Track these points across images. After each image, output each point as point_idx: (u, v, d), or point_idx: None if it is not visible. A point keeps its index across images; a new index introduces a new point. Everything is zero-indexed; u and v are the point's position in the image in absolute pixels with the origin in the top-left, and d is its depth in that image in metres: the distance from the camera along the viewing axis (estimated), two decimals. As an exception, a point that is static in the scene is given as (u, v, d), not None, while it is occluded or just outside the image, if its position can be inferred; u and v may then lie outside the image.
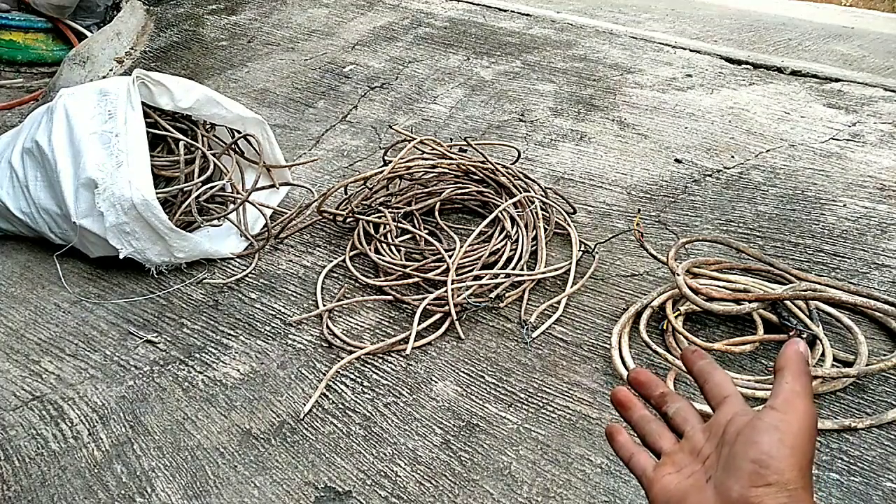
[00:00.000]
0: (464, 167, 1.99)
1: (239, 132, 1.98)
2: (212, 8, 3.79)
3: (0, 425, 1.40)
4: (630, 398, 0.61)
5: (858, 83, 2.68)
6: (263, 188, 2.05)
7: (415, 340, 1.53)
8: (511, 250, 1.76)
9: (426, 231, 1.89)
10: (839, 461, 1.25)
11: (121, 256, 1.72)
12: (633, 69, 2.89)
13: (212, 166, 1.89)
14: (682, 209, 1.99)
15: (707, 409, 0.56)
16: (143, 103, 1.78)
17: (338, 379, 1.48)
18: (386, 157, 2.14)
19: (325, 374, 1.48)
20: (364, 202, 1.94)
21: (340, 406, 1.42)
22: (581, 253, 1.78)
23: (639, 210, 1.99)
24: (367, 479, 1.26)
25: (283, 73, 3.04)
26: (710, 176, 2.14)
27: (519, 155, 2.18)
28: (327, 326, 1.60)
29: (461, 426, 1.36)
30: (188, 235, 1.78)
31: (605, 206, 2.04)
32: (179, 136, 1.86)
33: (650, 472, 0.56)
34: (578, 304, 1.67)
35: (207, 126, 1.99)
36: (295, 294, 1.76)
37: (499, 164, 1.99)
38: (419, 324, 1.56)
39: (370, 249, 1.79)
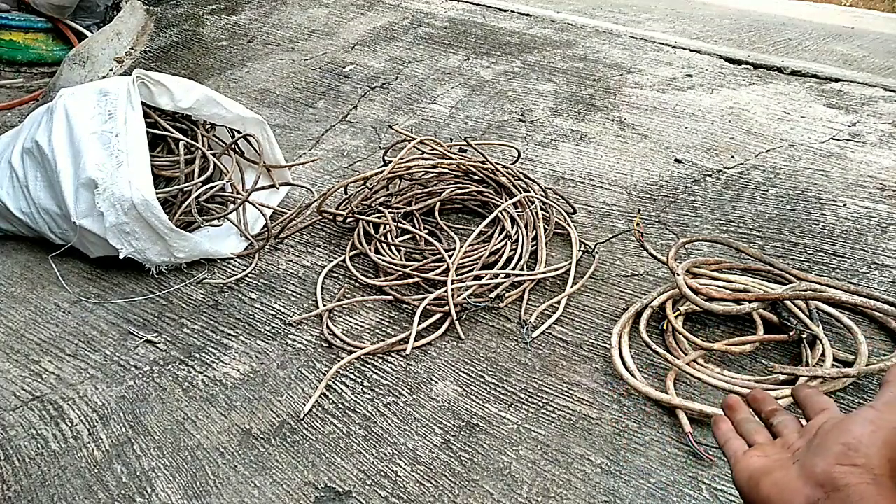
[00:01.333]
0: (464, 167, 1.99)
1: (239, 132, 1.98)
2: (212, 8, 3.79)
3: (0, 425, 1.40)
4: (739, 402, 0.64)
5: (858, 83, 2.68)
6: (263, 188, 2.05)
7: (415, 340, 1.53)
8: (511, 250, 1.76)
9: (426, 231, 1.89)
10: (839, 461, 1.25)
11: (121, 256, 1.72)
12: (633, 69, 2.89)
13: (212, 166, 1.89)
14: (682, 209, 1.99)
15: None
16: (143, 103, 1.78)
17: (338, 379, 1.48)
18: (386, 157, 2.14)
19: (325, 374, 1.48)
20: (364, 202, 1.94)
21: (340, 406, 1.42)
22: (581, 253, 1.78)
23: (639, 210, 1.99)
24: (367, 479, 1.26)
25: (283, 73, 3.04)
26: (710, 176, 2.14)
27: (519, 155, 2.18)
28: (327, 326, 1.60)
29: (461, 426, 1.36)
30: (188, 235, 1.78)
31: (605, 206, 2.04)
32: (179, 136, 1.86)
33: (740, 453, 0.58)
34: (578, 304, 1.67)
35: (207, 126, 1.99)
36: (295, 294, 1.76)
37: (499, 164, 1.99)
38: (419, 324, 1.56)
39: (370, 249, 1.79)
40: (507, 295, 1.67)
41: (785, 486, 0.49)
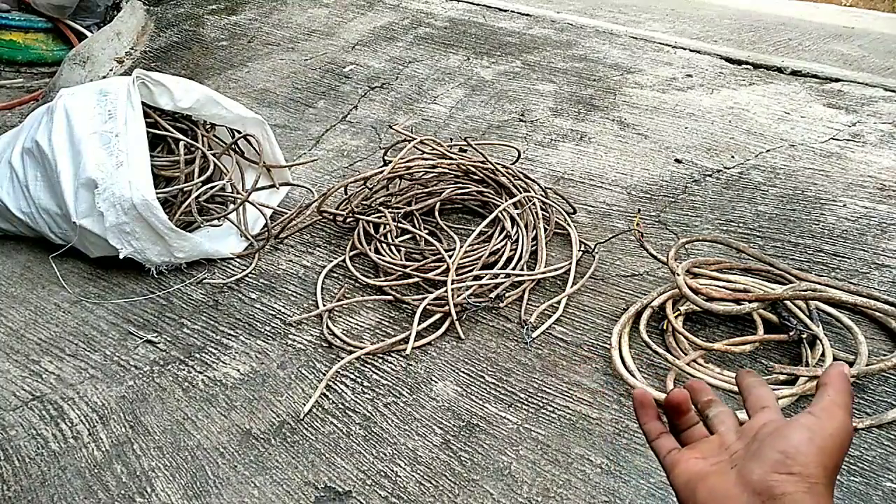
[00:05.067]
0: (464, 167, 1.99)
1: (239, 132, 1.98)
2: (212, 8, 3.79)
3: (0, 425, 1.40)
4: (689, 403, 0.61)
5: (858, 83, 2.68)
6: (263, 188, 2.05)
7: (415, 340, 1.53)
8: (511, 250, 1.76)
9: (426, 231, 1.89)
10: (839, 461, 1.25)
11: (121, 256, 1.72)
12: (633, 69, 2.89)
13: (212, 166, 1.89)
14: (682, 209, 1.99)
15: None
16: (143, 103, 1.78)
17: (338, 379, 1.48)
18: (386, 157, 2.14)
19: (325, 374, 1.48)
20: (364, 202, 1.94)
21: (340, 406, 1.42)
22: (581, 253, 1.78)
23: (639, 210, 1.99)
24: (367, 479, 1.26)
25: (283, 73, 3.04)
26: (710, 176, 2.14)
27: (519, 155, 2.18)
28: (327, 326, 1.60)
29: (461, 426, 1.36)
30: (188, 235, 1.78)
31: (605, 206, 2.04)
32: (179, 136, 1.86)
33: (675, 454, 0.57)
34: (578, 304, 1.67)
35: (207, 126, 1.99)
36: (295, 294, 1.76)
37: (499, 164, 1.99)
38: (419, 324, 1.56)
39: (370, 249, 1.79)
40: (507, 295, 1.67)
41: (722, 494, 0.49)
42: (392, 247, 1.81)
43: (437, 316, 1.60)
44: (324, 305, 1.67)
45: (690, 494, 0.52)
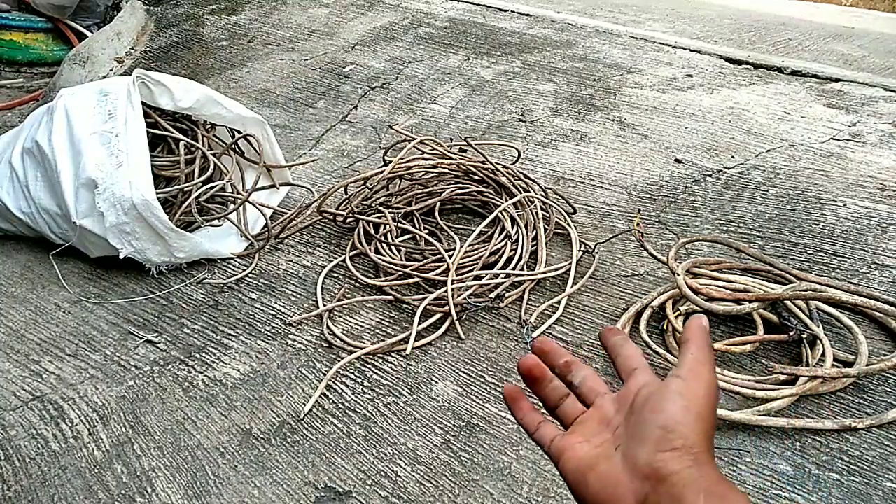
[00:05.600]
0: (464, 167, 1.99)
1: (239, 132, 1.98)
2: (212, 8, 3.79)
3: (0, 425, 1.40)
4: (541, 367, 0.59)
5: (858, 83, 2.68)
6: (263, 188, 2.05)
7: (415, 340, 1.53)
8: (511, 250, 1.76)
9: (426, 231, 1.89)
10: (839, 461, 1.25)
11: (121, 256, 1.72)
12: (633, 69, 2.89)
13: (212, 166, 1.89)
14: (682, 209, 1.99)
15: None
16: (143, 103, 1.78)
17: (338, 379, 1.48)
18: (386, 157, 2.14)
19: (325, 374, 1.48)
20: (364, 202, 1.94)
21: (340, 406, 1.42)
22: (581, 253, 1.78)
23: (639, 210, 1.99)
24: (368, 479, 1.26)
25: (284, 73, 3.04)
26: (710, 176, 2.14)
27: (519, 155, 2.18)
28: (327, 326, 1.60)
29: (461, 426, 1.36)
30: (188, 235, 1.78)
31: (605, 206, 2.04)
32: (179, 136, 1.86)
33: (559, 441, 0.55)
34: (578, 304, 1.67)
35: (207, 126, 1.99)
36: (295, 294, 1.76)
37: (499, 164, 1.99)
38: (419, 324, 1.56)
39: (370, 249, 1.79)
40: (507, 295, 1.67)
41: (613, 482, 0.49)
42: (392, 247, 1.81)
43: (437, 316, 1.60)
44: (324, 305, 1.68)
45: (581, 483, 0.51)
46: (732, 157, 2.23)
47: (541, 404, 0.60)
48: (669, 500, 0.45)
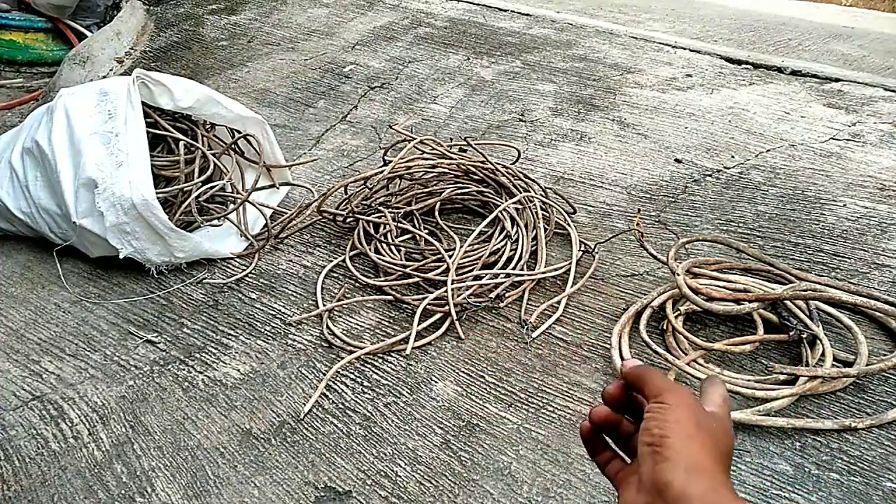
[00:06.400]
0: (464, 167, 1.99)
1: (239, 132, 1.98)
2: (212, 8, 3.79)
3: (0, 425, 1.40)
4: (605, 415, 0.61)
5: (858, 83, 2.68)
6: (263, 188, 2.05)
7: (415, 340, 1.53)
8: (511, 250, 1.76)
9: (426, 231, 1.89)
10: (839, 461, 1.25)
11: (121, 256, 1.72)
12: (633, 69, 2.89)
13: (212, 166, 1.89)
14: (682, 209, 1.99)
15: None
16: (143, 103, 1.78)
17: (338, 379, 1.48)
18: (386, 157, 2.14)
19: (325, 374, 1.48)
20: (364, 202, 1.94)
21: (340, 406, 1.42)
22: (581, 253, 1.78)
23: (639, 210, 1.99)
24: (367, 479, 1.26)
25: (283, 73, 3.04)
26: (710, 176, 2.14)
27: (519, 155, 2.18)
28: (327, 326, 1.60)
29: (461, 426, 1.36)
30: (188, 235, 1.78)
31: (605, 206, 2.04)
32: (179, 136, 1.86)
33: (621, 475, 0.58)
34: (578, 304, 1.67)
35: (207, 126, 1.99)
36: (295, 294, 1.76)
37: (499, 164, 1.99)
38: (419, 324, 1.56)
39: (370, 249, 1.79)
40: (507, 295, 1.67)
41: None
42: (392, 247, 1.81)
43: (437, 316, 1.60)
44: (324, 305, 1.67)
45: None
46: (732, 156, 2.23)
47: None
48: None
